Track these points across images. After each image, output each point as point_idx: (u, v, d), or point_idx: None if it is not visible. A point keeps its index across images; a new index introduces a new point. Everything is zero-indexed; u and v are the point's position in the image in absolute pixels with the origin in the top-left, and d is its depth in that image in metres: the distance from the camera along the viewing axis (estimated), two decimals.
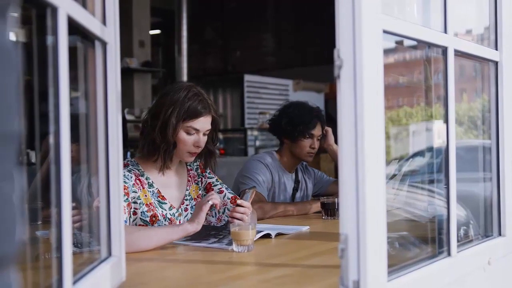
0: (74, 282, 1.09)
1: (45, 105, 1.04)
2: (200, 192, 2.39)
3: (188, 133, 2.20)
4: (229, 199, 2.37)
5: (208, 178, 2.43)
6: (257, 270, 1.71)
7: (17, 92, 0.60)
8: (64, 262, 1.01)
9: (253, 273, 1.67)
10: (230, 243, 1.93)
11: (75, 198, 1.13)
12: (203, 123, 2.22)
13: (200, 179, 2.42)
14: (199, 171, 2.43)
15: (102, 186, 1.38)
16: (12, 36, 0.60)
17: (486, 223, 1.88)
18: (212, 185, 2.42)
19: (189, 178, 2.39)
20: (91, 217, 1.54)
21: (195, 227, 1.96)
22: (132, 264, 1.61)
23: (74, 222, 1.52)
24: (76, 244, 1.34)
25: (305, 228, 2.37)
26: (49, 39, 1.02)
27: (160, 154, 2.20)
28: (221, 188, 2.41)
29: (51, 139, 1.01)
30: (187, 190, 2.36)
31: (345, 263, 1.18)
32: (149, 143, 2.21)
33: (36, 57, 1.10)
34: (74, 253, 1.07)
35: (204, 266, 1.73)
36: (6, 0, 0.58)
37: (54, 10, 0.99)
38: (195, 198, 2.37)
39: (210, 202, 2.00)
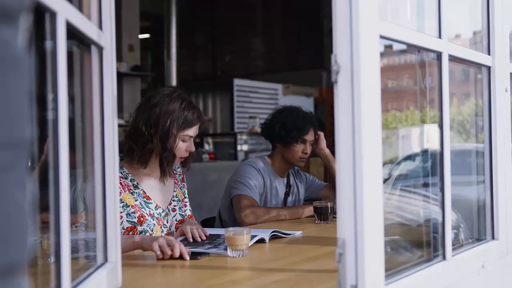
0: None
1: (39, 110, 1.03)
2: (183, 196, 2.48)
3: (183, 141, 2.29)
4: (186, 216, 2.45)
5: (185, 188, 2.52)
6: (253, 275, 1.71)
7: (28, 99, 0.60)
8: (63, 268, 1.01)
9: (249, 278, 1.67)
10: (227, 249, 1.92)
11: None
12: (196, 129, 2.33)
13: (181, 185, 2.51)
14: (180, 177, 2.51)
15: (98, 192, 1.37)
16: (24, 42, 0.60)
17: (479, 227, 1.89)
18: (184, 195, 2.52)
19: (176, 181, 2.46)
20: (84, 221, 1.53)
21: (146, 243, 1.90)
22: (128, 270, 1.60)
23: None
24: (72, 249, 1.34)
25: (298, 233, 2.37)
26: (48, 44, 1.02)
27: (162, 164, 2.27)
28: (187, 202, 2.50)
29: (50, 145, 1.00)
30: (174, 191, 2.42)
31: (343, 267, 1.18)
32: (148, 152, 2.25)
33: (33, 61, 1.09)
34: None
35: (199, 271, 1.73)
36: (18, 8, 0.58)
37: (53, 15, 0.99)
38: (181, 200, 2.44)
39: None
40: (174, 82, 8.70)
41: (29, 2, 0.62)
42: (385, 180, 2.29)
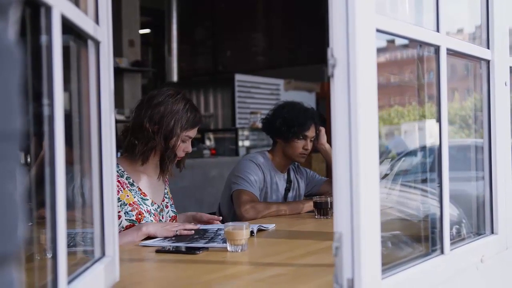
0: (69, 282, 1.08)
1: (36, 105, 1.03)
2: (170, 194, 2.53)
3: (183, 141, 2.33)
4: (170, 217, 2.46)
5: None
6: (252, 269, 1.71)
7: (19, 91, 0.60)
8: (59, 262, 1.01)
9: (247, 273, 1.67)
10: (225, 241, 1.92)
11: (67, 198, 1.13)
12: (195, 131, 2.39)
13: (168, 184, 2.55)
14: (167, 177, 2.53)
15: (95, 187, 1.37)
16: (14, 35, 0.60)
17: (478, 221, 1.89)
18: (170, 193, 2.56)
19: (166, 180, 2.50)
20: (84, 217, 1.53)
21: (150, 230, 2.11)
22: (126, 264, 1.61)
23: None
24: (69, 244, 1.34)
25: (272, 226, 2.38)
26: (43, 38, 1.02)
27: (164, 161, 2.32)
28: (170, 203, 2.52)
29: (46, 140, 1.00)
30: (165, 189, 2.48)
31: (339, 261, 1.18)
32: (149, 149, 2.29)
33: (28, 56, 1.09)
34: (67, 253, 1.07)
35: (198, 266, 1.73)
36: (7, 0, 0.58)
37: (48, 9, 0.99)
38: (171, 198, 2.51)
39: (177, 233, 2.14)
40: (175, 78, 8.70)
41: None
42: (385, 175, 2.29)
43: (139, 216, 2.25)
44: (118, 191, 2.23)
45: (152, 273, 1.65)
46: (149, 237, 2.10)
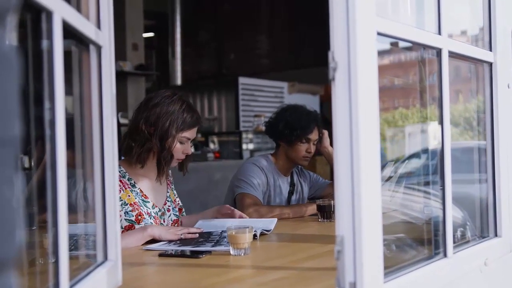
0: (71, 287, 1.08)
1: (38, 110, 1.03)
2: (175, 197, 2.52)
3: (181, 142, 2.33)
4: (172, 221, 2.46)
5: (174, 189, 2.55)
6: (254, 273, 1.71)
7: (17, 97, 0.60)
8: (61, 266, 1.01)
9: (250, 276, 1.67)
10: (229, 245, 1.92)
11: (70, 203, 1.13)
12: (194, 132, 2.37)
13: (172, 187, 2.55)
14: (171, 179, 2.55)
15: (97, 191, 1.37)
16: (12, 41, 0.60)
17: (482, 224, 1.88)
18: (175, 195, 2.55)
19: (168, 183, 2.50)
20: (86, 222, 1.53)
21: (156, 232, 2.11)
22: (128, 269, 1.61)
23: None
24: (71, 248, 1.34)
25: (273, 224, 2.37)
26: (44, 43, 1.02)
27: (160, 163, 2.32)
28: (179, 201, 2.55)
29: (47, 144, 1.00)
30: (167, 192, 2.47)
31: (341, 264, 1.18)
32: (146, 151, 2.29)
33: (30, 61, 1.10)
34: (70, 257, 1.07)
35: (201, 269, 1.73)
36: (6, 5, 0.58)
37: (49, 14, 0.99)
38: (174, 201, 2.50)
39: (182, 236, 2.14)
40: (179, 81, 8.70)
41: (17, 1, 0.62)
42: (389, 178, 2.28)
43: (139, 217, 2.25)
44: (120, 190, 2.23)
45: (154, 277, 1.65)
46: (152, 240, 2.10)
